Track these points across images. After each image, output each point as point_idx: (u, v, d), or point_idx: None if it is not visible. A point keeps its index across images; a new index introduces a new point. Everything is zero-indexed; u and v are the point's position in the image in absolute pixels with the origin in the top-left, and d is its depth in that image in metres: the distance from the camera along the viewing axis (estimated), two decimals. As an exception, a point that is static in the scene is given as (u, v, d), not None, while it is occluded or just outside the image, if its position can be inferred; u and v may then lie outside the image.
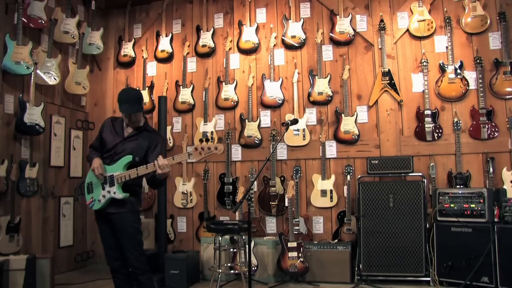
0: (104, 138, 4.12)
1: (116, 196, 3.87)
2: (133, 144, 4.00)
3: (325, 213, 6.07)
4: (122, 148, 4.00)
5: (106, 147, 4.07)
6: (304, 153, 6.24)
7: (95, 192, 3.99)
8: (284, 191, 6.12)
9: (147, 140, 4.01)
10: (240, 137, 6.46)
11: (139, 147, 3.96)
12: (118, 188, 3.88)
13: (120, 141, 4.03)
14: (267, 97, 6.42)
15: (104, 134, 4.13)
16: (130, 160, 3.90)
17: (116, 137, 4.06)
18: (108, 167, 3.96)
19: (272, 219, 6.24)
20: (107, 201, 3.91)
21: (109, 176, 3.92)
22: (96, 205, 3.95)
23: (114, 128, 4.12)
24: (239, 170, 6.50)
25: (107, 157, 4.04)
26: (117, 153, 3.99)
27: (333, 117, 6.18)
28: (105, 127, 4.19)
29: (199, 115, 6.77)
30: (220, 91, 6.66)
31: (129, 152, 3.95)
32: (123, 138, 4.04)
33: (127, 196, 3.89)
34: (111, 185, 3.89)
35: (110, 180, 3.91)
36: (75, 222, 6.76)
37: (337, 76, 6.25)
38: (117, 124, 4.15)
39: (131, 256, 3.91)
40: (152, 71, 7.19)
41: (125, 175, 3.86)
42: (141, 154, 3.94)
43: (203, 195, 6.55)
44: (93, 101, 7.36)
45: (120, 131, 4.09)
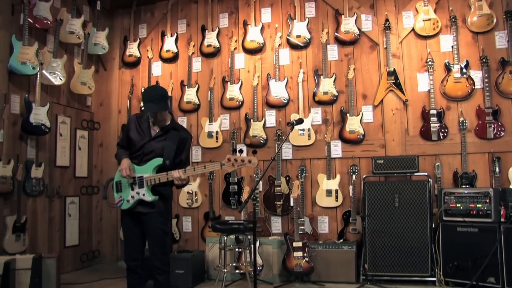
0: (131, 137, 4.08)
1: (145, 198, 3.88)
2: (161, 145, 3.97)
3: (330, 213, 6.04)
4: (150, 149, 3.97)
5: (134, 147, 4.04)
6: (309, 153, 6.21)
7: (124, 192, 3.98)
8: (289, 191, 6.08)
9: (176, 140, 3.99)
10: (245, 137, 6.45)
11: (169, 149, 3.94)
12: (147, 190, 3.88)
13: (147, 141, 3.99)
14: (272, 96, 6.39)
15: (131, 133, 4.09)
16: (161, 163, 3.88)
17: (143, 137, 4.03)
18: (138, 167, 3.95)
19: (278, 219, 6.21)
20: (135, 202, 3.92)
21: (138, 177, 3.91)
22: (124, 204, 3.95)
23: (141, 127, 4.08)
24: (244, 170, 6.46)
25: (136, 157, 4.02)
26: (145, 154, 3.97)
27: (338, 116, 6.15)
28: (131, 125, 4.14)
29: (204, 115, 6.75)
30: (225, 91, 6.64)
31: (158, 154, 3.93)
32: (150, 138, 4.00)
33: (157, 199, 3.89)
34: (140, 187, 3.89)
35: (139, 181, 3.91)
36: (80, 222, 6.76)
37: (342, 75, 6.22)
38: (143, 122, 4.10)
39: (154, 255, 3.91)
40: (157, 71, 7.17)
41: (155, 178, 3.85)
42: (170, 156, 3.92)
43: (209, 195, 6.53)
44: (99, 101, 7.35)
45: (146, 130, 4.05)
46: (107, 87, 7.40)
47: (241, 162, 3.57)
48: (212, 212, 6.47)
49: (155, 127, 4.03)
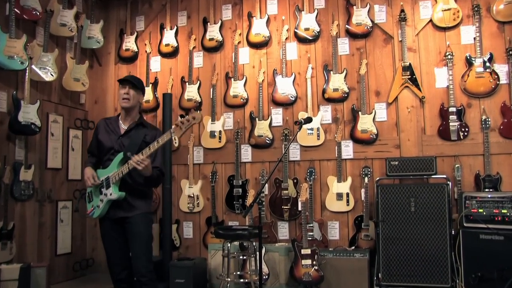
0: (100, 140, 4.13)
1: (112, 197, 3.89)
2: (129, 141, 4.03)
3: (341, 218, 5.97)
4: (120, 146, 4.02)
5: (105, 149, 4.07)
6: (318, 154, 6.12)
7: (94, 199, 4.02)
8: (297, 194, 6.02)
9: (141, 134, 4.03)
10: (250, 136, 6.37)
11: (132, 142, 3.98)
12: (114, 188, 3.89)
13: (117, 139, 4.05)
14: (278, 94, 6.30)
15: (100, 136, 4.14)
16: (122, 157, 3.89)
17: (112, 135, 4.08)
18: (104, 170, 3.99)
19: (285, 224, 6.15)
20: (105, 205, 3.92)
21: (105, 178, 3.94)
22: (96, 212, 3.97)
23: (109, 127, 4.14)
24: (249, 172, 6.41)
25: (108, 159, 4.04)
26: (116, 151, 4.01)
27: (350, 115, 6.06)
28: (99, 128, 4.20)
29: (207, 114, 6.66)
30: (229, 87, 6.56)
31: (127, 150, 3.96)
32: (119, 134, 4.06)
33: (123, 195, 3.89)
34: (107, 187, 3.92)
35: (106, 182, 3.93)
36: (73, 228, 6.63)
37: (353, 71, 6.12)
38: (112, 122, 4.18)
39: (138, 262, 3.90)
40: (156, 66, 7.08)
41: (118, 172, 3.87)
42: (133, 149, 3.91)
43: (211, 199, 6.47)
44: (93, 99, 7.24)
45: (116, 129, 4.11)
46: (102, 83, 7.30)
47: (186, 122, 3.67)
48: (215, 217, 6.40)
49: (125, 124, 4.11)
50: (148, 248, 4.02)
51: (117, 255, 4.03)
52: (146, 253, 3.97)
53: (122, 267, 4.01)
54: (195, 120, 3.70)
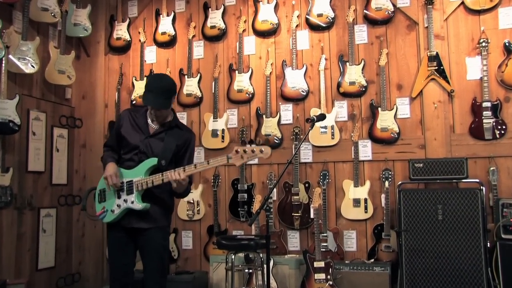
0: (123, 135, 3.96)
1: (134, 206, 3.78)
2: (161, 143, 3.90)
3: (358, 226, 5.82)
4: (147, 148, 3.89)
5: (128, 146, 3.94)
6: (333, 155, 5.97)
7: (108, 201, 3.91)
8: (309, 200, 5.89)
9: (176, 139, 3.92)
10: (257, 135, 6.22)
11: (166, 148, 3.87)
12: (137, 196, 3.78)
13: (145, 138, 3.91)
14: (288, 88, 6.17)
15: (124, 130, 3.97)
16: (155, 163, 3.78)
17: (139, 134, 3.93)
18: (127, 171, 3.88)
19: (295, 233, 6.02)
20: (122, 212, 3.81)
21: (127, 182, 3.83)
22: (108, 216, 3.85)
23: (136, 122, 3.98)
24: (256, 175, 6.29)
25: (130, 158, 3.92)
26: (142, 153, 3.89)
27: (368, 111, 5.90)
28: (123, 121, 4.02)
29: (208, 110, 6.52)
30: (233, 81, 6.43)
31: (156, 153, 3.84)
32: (148, 134, 3.92)
33: (148, 206, 3.79)
34: (129, 193, 3.81)
35: (128, 186, 3.83)
36: (58, 239, 6.47)
37: (372, 62, 5.96)
38: (139, 117, 4.01)
39: (152, 278, 3.83)
40: (151, 57, 6.94)
41: (147, 181, 3.76)
42: (168, 156, 3.85)
43: (213, 205, 6.34)
44: (80, 94, 7.05)
45: (144, 126, 3.96)
46: (90, 76, 7.10)
47: (251, 153, 3.50)
48: (217, 226, 6.26)
49: (154, 123, 3.95)
50: (163, 266, 3.92)
51: (120, 271, 3.92)
52: (161, 269, 3.87)
53: (121, 285, 3.90)
54: (262, 155, 3.49)
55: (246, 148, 3.54)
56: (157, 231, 3.85)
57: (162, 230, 3.91)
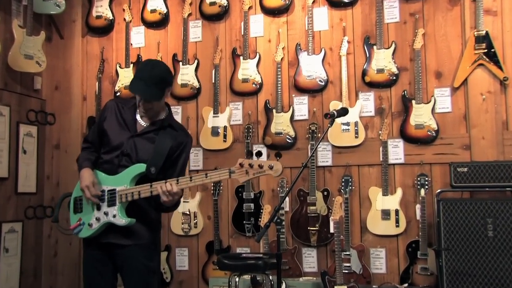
0: (106, 130, 3.82)
1: (116, 221, 3.63)
2: (149, 145, 3.75)
3: (388, 243, 5.62)
4: (132, 149, 3.75)
5: (109, 145, 3.79)
6: (356, 157, 5.77)
7: (85, 212, 3.77)
8: (328, 212, 5.69)
9: (169, 142, 3.78)
10: (265, 134, 6.02)
11: (157, 153, 3.72)
12: (120, 209, 3.63)
13: (130, 137, 3.77)
14: (303, 77, 5.96)
15: (107, 125, 3.82)
16: (143, 171, 3.63)
17: (124, 131, 3.79)
18: (109, 177, 3.73)
19: (312, 251, 5.83)
20: (101, 226, 3.68)
21: (109, 191, 3.69)
22: (84, 231, 3.72)
23: (122, 117, 3.83)
24: (264, 181, 6.10)
25: (109, 160, 3.77)
26: (124, 154, 3.74)
27: (399, 104, 5.70)
28: (108, 112, 3.88)
29: (207, 103, 6.37)
30: (237, 69, 6.25)
31: (143, 157, 3.69)
32: (134, 133, 3.77)
33: (133, 222, 3.64)
34: (111, 204, 3.67)
35: (110, 197, 3.69)
36: (24, 260, 6.25)
37: (405, 45, 5.76)
38: (127, 110, 3.88)
39: None
40: (138, 40, 6.75)
41: (133, 192, 3.61)
42: (158, 163, 3.70)
43: (213, 217, 6.17)
44: (53, 83, 6.88)
45: (131, 122, 3.82)
46: (65, 62, 6.91)
47: (258, 169, 3.37)
48: (218, 242, 6.09)
49: (144, 119, 3.81)
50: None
51: None
52: None
53: None
54: (272, 171, 3.36)
55: (252, 161, 3.39)
56: (139, 249, 3.70)
57: (146, 249, 3.74)
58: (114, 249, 3.73)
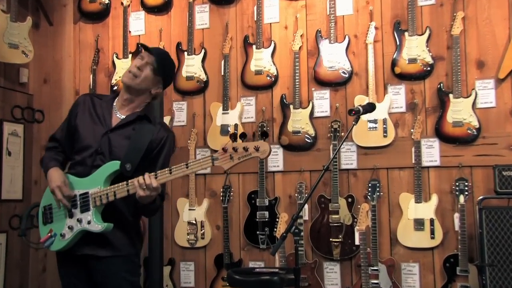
0: (77, 127, 3.74)
1: (91, 227, 3.53)
2: (125, 141, 3.67)
3: (422, 257, 5.44)
4: (105, 146, 3.66)
5: (80, 143, 3.71)
6: (385, 159, 5.61)
7: (56, 222, 3.66)
8: (353, 221, 5.55)
9: (146, 136, 3.70)
10: (281, 133, 5.90)
11: (133, 148, 3.65)
12: (95, 214, 3.54)
13: (104, 134, 3.68)
14: (324, 68, 5.80)
15: (79, 121, 3.76)
16: (117, 168, 3.54)
17: (98, 127, 3.72)
18: (79, 180, 3.63)
19: (334, 265, 5.69)
20: (75, 235, 3.56)
21: (81, 195, 3.58)
22: (57, 243, 3.61)
23: (96, 111, 3.77)
24: (280, 186, 5.97)
25: (81, 161, 3.67)
26: (98, 153, 3.65)
27: (435, 99, 5.53)
28: (79, 107, 3.82)
29: (216, 99, 6.22)
30: (249, 59, 6.09)
31: (118, 155, 3.61)
32: (109, 128, 3.69)
33: (110, 227, 3.53)
34: (84, 210, 3.56)
35: (82, 201, 3.58)
36: (8, 275, 6.16)
37: (442, 31, 5.55)
38: (103, 104, 3.83)
39: None
40: (138, 26, 6.60)
41: (107, 192, 3.52)
42: (134, 159, 3.60)
43: (222, 227, 6.01)
44: (41, 76, 6.80)
45: (106, 116, 3.74)
46: (54, 52, 6.86)
47: (243, 152, 3.31)
48: (229, 255, 5.94)
49: (122, 111, 3.74)
50: None
51: None
52: None
53: None
54: (258, 154, 3.30)
55: (236, 145, 3.30)
56: (119, 262, 3.61)
57: (127, 261, 3.66)
58: (91, 262, 3.63)
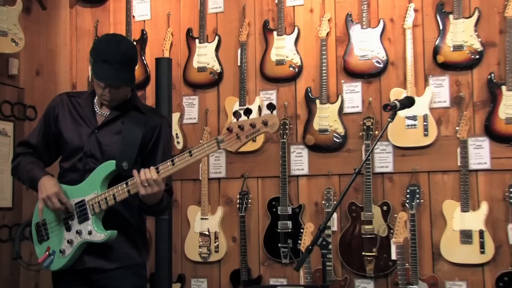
0: (61, 132, 3.63)
1: (94, 238, 3.43)
2: (116, 137, 3.57)
3: (470, 275, 5.19)
4: (95, 146, 3.58)
5: (67, 149, 3.60)
6: (426, 161, 5.36)
7: (53, 238, 3.56)
8: (388, 232, 5.35)
9: (139, 127, 3.63)
10: (306, 131, 5.70)
11: (128, 143, 3.56)
12: (95, 222, 3.45)
13: (91, 134, 3.59)
14: (355, 57, 5.59)
15: (62, 125, 3.65)
16: (113, 169, 3.46)
17: (82, 127, 3.62)
18: (72, 188, 3.52)
19: (367, 283, 5.49)
20: (77, 249, 3.45)
21: (76, 203, 3.47)
22: (57, 261, 3.51)
23: (77, 111, 3.68)
24: (305, 191, 5.76)
25: (71, 168, 3.56)
26: (88, 156, 3.54)
27: (484, 92, 5.30)
28: (59, 109, 3.71)
29: (231, 93, 6.04)
30: (269, 47, 5.88)
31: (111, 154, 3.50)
32: (95, 126, 3.61)
33: (114, 234, 3.42)
34: (83, 220, 3.45)
35: (79, 210, 3.47)
36: None
37: (493, 12, 5.30)
38: (82, 102, 3.72)
39: None
40: (142, 10, 6.44)
41: (106, 197, 3.41)
42: (131, 155, 3.51)
43: (239, 239, 5.85)
44: (33, 67, 6.65)
45: (88, 115, 3.66)
46: (49, 41, 6.76)
47: (251, 129, 3.20)
48: (246, 271, 5.76)
49: (104, 108, 3.68)
50: None
51: None
52: None
53: None
54: (267, 128, 3.21)
55: (242, 122, 3.19)
56: (126, 274, 3.51)
57: (134, 273, 3.57)
58: (94, 276, 3.50)
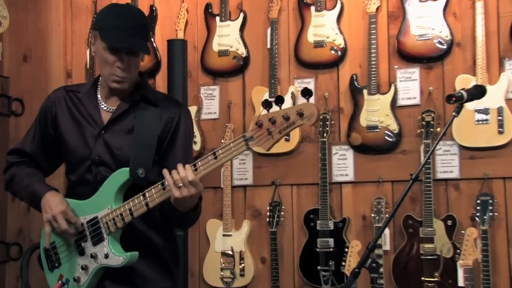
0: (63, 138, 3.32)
1: (112, 262, 3.10)
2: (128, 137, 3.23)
3: None
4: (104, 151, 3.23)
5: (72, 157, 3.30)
6: (501, 165, 4.98)
7: (65, 264, 3.27)
8: (454, 252, 4.97)
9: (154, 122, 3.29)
10: (351, 128, 5.39)
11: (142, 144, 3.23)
12: (112, 243, 3.12)
13: (97, 136, 3.24)
14: (412, 37, 5.25)
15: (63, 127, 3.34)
16: (127, 178, 3.11)
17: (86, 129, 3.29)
18: (82, 202, 3.22)
19: None
20: (93, 276, 3.16)
21: (88, 222, 3.18)
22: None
23: (79, 109, 3.32)
24: (350, 202, 5.45)
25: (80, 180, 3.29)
26: (97, 163, 3.20)
27: None
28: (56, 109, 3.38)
29: (259, 82, 5.69)
30: (306, 26, 5.53)
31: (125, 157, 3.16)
32: (102, 126, 3.25)
33: (135, 256, 3.09)
34: (97, 241, 3.15)
35: (92, 230, 3.17)
36: None
37: None
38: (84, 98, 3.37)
39: None
40: None
41: (121, 212, 3.08)
42: (148, 159, 3.18)
43: (269, 260, 5.47)
44: (20, 51, 6.44)
45: (92, 113, 3.30)
46: (39, 21, 6.49)
47: (284, 122, 2.78)
48: None
49: (110, 101, 3.29)
50: None
51: None
52: None
53: None
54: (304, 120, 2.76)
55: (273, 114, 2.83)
56: None
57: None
58: None
